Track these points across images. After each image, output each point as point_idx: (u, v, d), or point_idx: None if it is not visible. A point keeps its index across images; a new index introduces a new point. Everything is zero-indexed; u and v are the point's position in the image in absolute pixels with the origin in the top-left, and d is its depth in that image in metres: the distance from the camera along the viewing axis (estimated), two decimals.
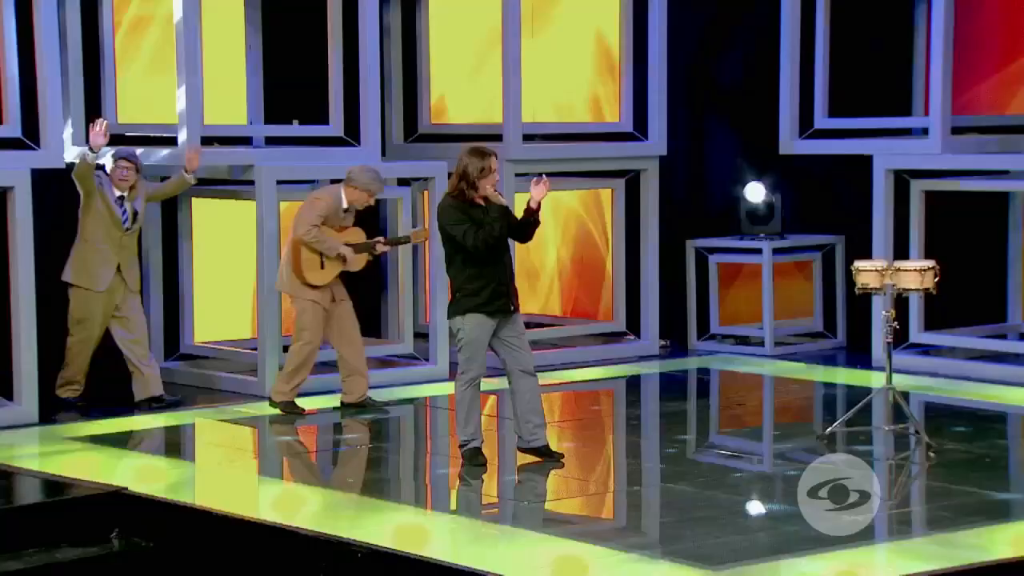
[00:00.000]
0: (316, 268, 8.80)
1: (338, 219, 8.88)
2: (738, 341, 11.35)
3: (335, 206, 8.84)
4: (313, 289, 8.81)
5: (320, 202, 8.82)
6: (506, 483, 7.49)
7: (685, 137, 11.86)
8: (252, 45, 10.58)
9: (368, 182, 8.84)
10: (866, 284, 8.02)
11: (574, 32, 11.16)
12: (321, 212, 8.79)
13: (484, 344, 7.49)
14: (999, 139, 10.38)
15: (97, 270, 9.01)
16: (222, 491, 7.48)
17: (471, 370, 7.49)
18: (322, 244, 8.74)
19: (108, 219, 9.00)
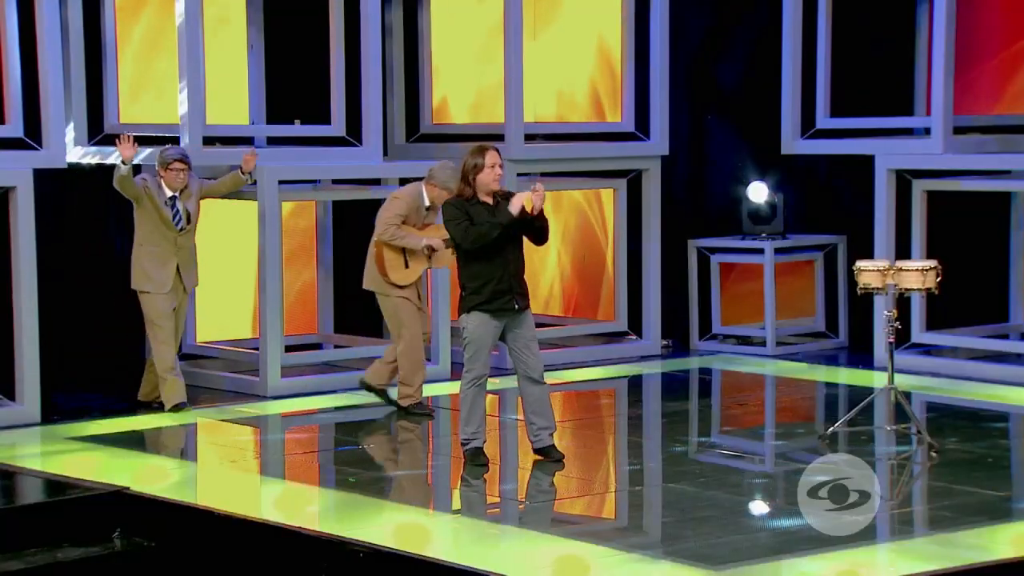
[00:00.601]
0: (400, 267, 8.71)
1: (419, 217, 8.75)
2: (740, 341, 11.35)
3: (415, 204, 8.73)
4: (401, 287, 8.73)
5: (399, 201, 8.72)
6: (508, 483, 7.49)
7: (687, 137, 11.87)
8: (254, 45, 10.59)
9: (447, 179, 8.68)
10: (868, 284, 8.02)
11: (576, 32, 11.16)
12: (399, 211, 8.69)
13: (487, 343, 7.48)
14: (1000, 139, 10.38)
15: (158, 273, 9.00)
16: (224, 491, 7.49)
17: (474, 369, 7.50)
18: (403, 241, 8.65)
19: (160, 221, 8.97)
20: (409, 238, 8.67)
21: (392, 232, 8.65)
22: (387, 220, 8.69)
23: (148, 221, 9.00)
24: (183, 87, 9.42)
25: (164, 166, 8.98)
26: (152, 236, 9.00)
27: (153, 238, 9.00)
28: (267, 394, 9.57)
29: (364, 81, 9.93)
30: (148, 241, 9.01)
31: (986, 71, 10.87)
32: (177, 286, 9.08)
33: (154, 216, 8.98)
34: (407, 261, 8.73)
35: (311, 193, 10.43)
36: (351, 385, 9.81)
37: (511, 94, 10.43)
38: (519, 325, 7.54)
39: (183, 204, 9.05)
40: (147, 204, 8.96)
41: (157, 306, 9.03)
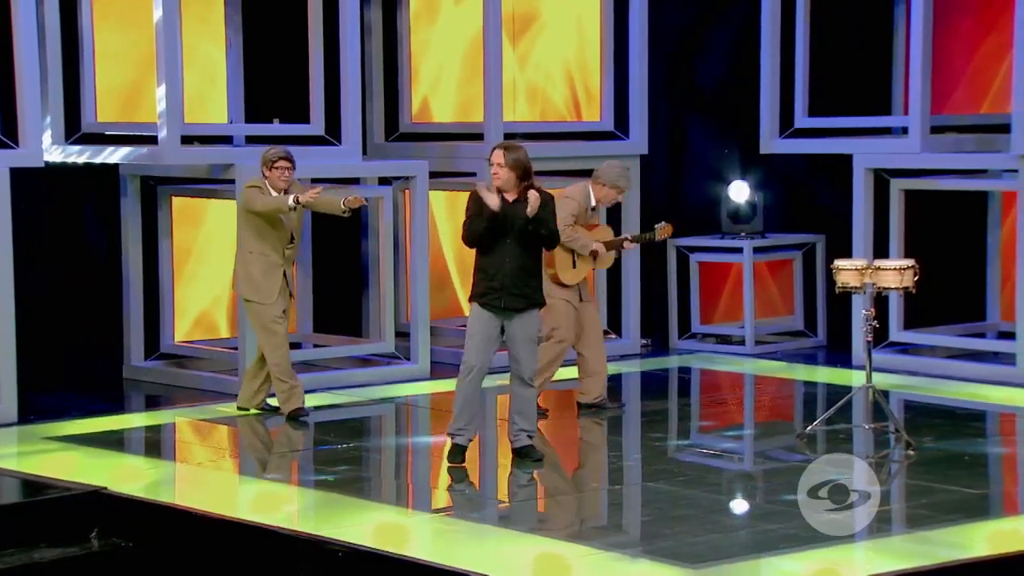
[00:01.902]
0: (569, 267, 8.63)
1: (587, 217, 8.69)
2: (719, 340, 11.37)
3: (585, 205, 8.67)
4: (564, 288, 8.64)
5: (571, 201, 8.64)
6: (488, 482, 7.48)
7: (665, 136, 11.88)
8: (232, 44, 10.56)
9: (615, 179, 8.64)
10: (846, 283, 8.04)
11: (554, 31, 11.17)
12: (572, 211, 8.60)
13: (483, 337, 7.45)
14: (977, 138, 10.43)
15: (267, 282, 8.62)
16: (202, 491, 7.46)
17: (469, 360, 7.49)
18: (576, 242, 8.57)
19: (271, 229, 8.58)
20: (581, 240, 8.58)
21: (569, 233, 8.53)
22: (562, 220, 8.50)
23: (257, 228, 8.58)
24: (161, 86, 9.38)
25: (268, 165, 8.56)
26: (261, 244, 8.57)
27: (262, 246, 8.58)
28: None
29: (343, 80, 9.92)
30: (258, 249, 8.58)
31: (963, 71, 10.91)
32: (284, 291, 8.69)
33: (265, 225, 8.55)
34: (575, 261, 8.65)
35: None
36: (329, 384, 9.80)
37: (490, 93, 10.43)
38: (516, 325, 7.52)
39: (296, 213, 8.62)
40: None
41: (268, 313, 8.63)
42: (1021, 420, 9.00)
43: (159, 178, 10.26)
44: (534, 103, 11.21)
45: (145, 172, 10.16)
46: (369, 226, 10.80)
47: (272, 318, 8.67)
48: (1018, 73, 9.59)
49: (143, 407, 9.62)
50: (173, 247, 10.33)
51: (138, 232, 10.24)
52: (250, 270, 8.66)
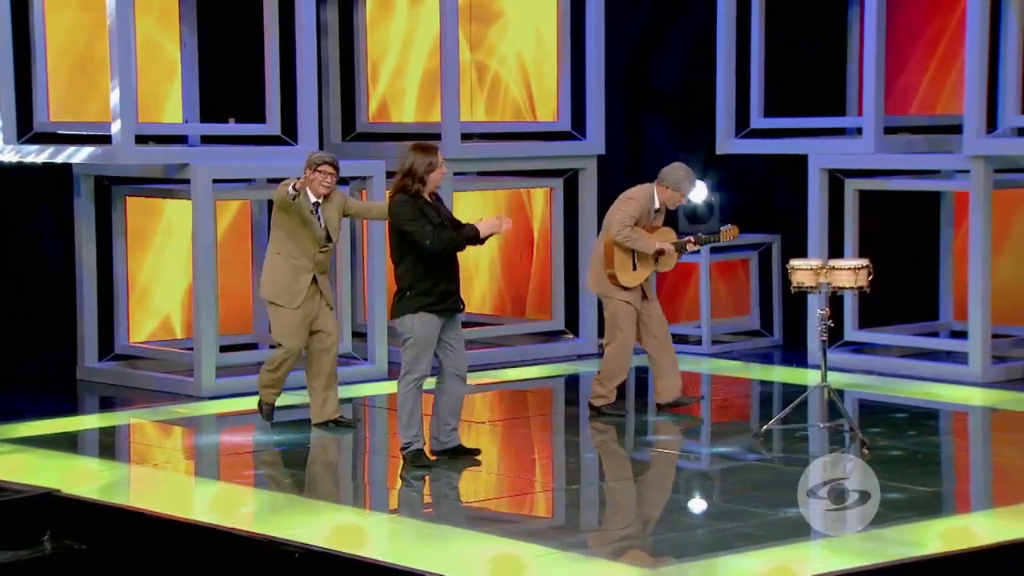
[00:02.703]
0: (628, 269, 8.57)
1: (649, 219, 8.63)
2: (676, 339, 11.38)
3: (647, 206, 8.60)
4: (624, 290, 8.58)
5: (633, 202, 8.59)
6: (445, 482, 7.48)
7: (623, 136, 11.91)
8: (187, 43, 10.49)
9: (678, 181, 8.56)
10: (801, 283, 8.09)
11: (512, 31, 11.17)
12: (633, 212, 8.56)
13: (432, 344, 7.46)
14: (930, 139, 10.53)
15: (292, 285, 8.24)
16: (157, 492, 7.41)
17: (416, 370, 7.46)
18: (636, 243, 8.51)
19: (302, 233, 8.23)
20: (642, 240, 8.52)
21: (626, 233, 8.49)
22: (621, 221, 8.53)
23: (288, 229, 8.23)
24: (115, 85, 9.31)
25: (312, 167, 8.19)
26: (290, 246, 8.23)
27: (292, 248, 8.23)
28: (201, 394, 9.49)
29: (299, 79, 9.88)
30: (286, 251, 8.24)
31: (917, 72, 11.01)
32: (315, 298, 8.32)
33: (297, 225, 8.21)
34: (635, 263, 8.59)
35: (245, 192, 10.35)
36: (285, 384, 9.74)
37: (447, 93, 10.42)
38: (453, 326, 7.54)
39: (325, 215, 8.27)
40: (292, 211, 8.18)
41: (285, 320, 8.26)
42: (973, 419, 9.09)
43: (113, 178, 10.18)
44: (491, 103, 11.21)
45: (99, 172, 10.08)
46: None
47: (286, 328, 8.25)
48: (969, 75, 9.68)
49: (97, 408, 9.55)
50: (128, 247, 10.25)
51: (92, 232, 10.16)
52: (275, 272, 8.29)
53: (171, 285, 10.54)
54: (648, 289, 8.75)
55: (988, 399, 9.32)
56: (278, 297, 8.31)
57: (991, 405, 9.17)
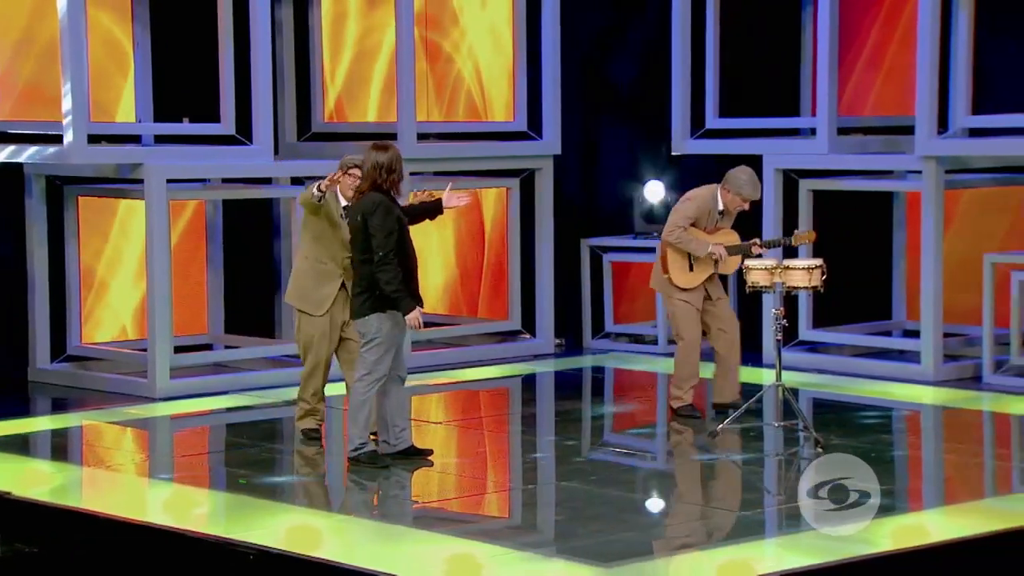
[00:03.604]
0: (684, 270, 8.45)
1: (711, 220, 8.49)
2: (632, 339, 11.45)
3: (707, 207, 8.46)
4: (683, 290, 8.46)
5: (690, 203, 8.49)
6: (400, 483, 7.46)
7: (579, 136, 11.94)
8: (140, 42, 10.41)
9: (739, 185, 8.39)
10: (756, 282, 8.14)
11: (467, 31, 11.17)
12: (689, 214, 8.45)
13: (397, 344, 7.43)
14: (883, 139, 10.62)
15: (317, 292, 7.91)
16: (110, 495, 7.35)
17: (378, 370, 7.42)
18: (688, 245, 8.40)
19: (331, 236, 7.89)
20: (695, 243, 8.40)
21: (678, 234, 8.41)
22: (674, 222, 8.43)
23: (316, 233, 7.91)
24: (67, 84, 9.23)
25: (343, 169, 7.86)
26: (318, 250, 7.90)
27: (320, 253, 7.90)
28: (155, 396, 9.43)
29: (254, 79, 9.83)
30: (314, 255, 7.91)
31: (869, 72, 11.10)
32: (340, 305, 7.93)
33: (325, 229, 7.88)
34: (691, 264, 8.48)
35: (200, 192, 10.29)
36: (242, 386, 9.71)
37: (403, 93, 10.40)
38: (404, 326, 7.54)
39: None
40: (321, 214, 7.85)
41: (309, 327, 7.94)
42: (925, 417, 9.18)
43: (66, 178, 10.09)
44: (446, 103, 11.20)
45: (51, 172, 9.99)
46: (281, 226, 10.72)
47: (309, 335, 7.92)
48: (920, 76, 9.77)
49: (49, 410, 9.46)
50: (80, 248, 10.17)
51: (44, 233, 10.07)
52: (301, 277, 7.94)
53: (125, 286, 10.46)
54: (713, 289, 8.56)
55: (940, 398, 9.41)
56: (304, 304, 7.96)
57: (943, 403, 9.26)
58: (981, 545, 6.27)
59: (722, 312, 8.63)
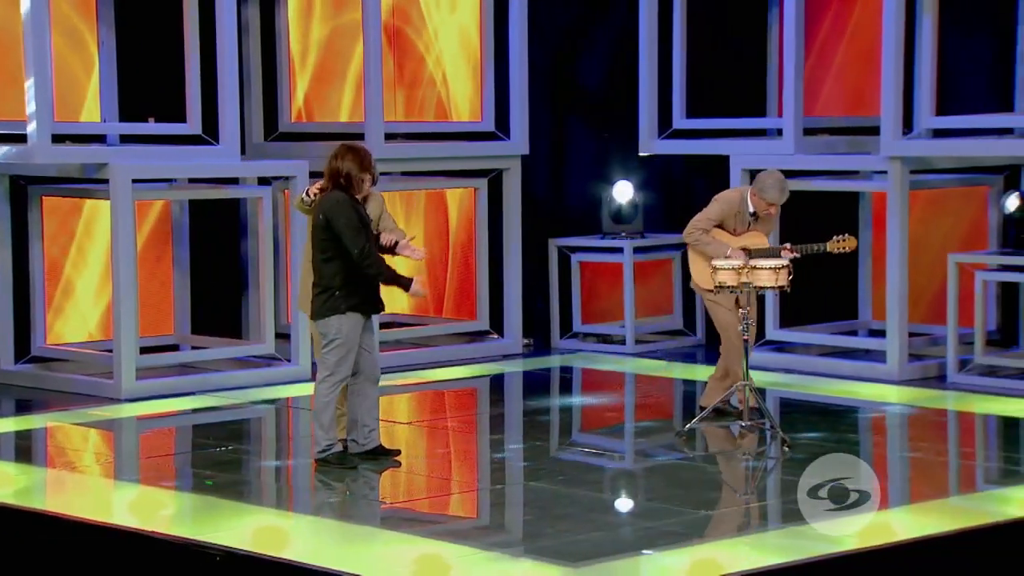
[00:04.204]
0: (707, 271, 8.27)
1: (739, 223, 8.34)
2: (600, 339, 11.47)
3: (733, 209, 8.32)
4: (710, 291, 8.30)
5: (715, 205, 8.37)
6: (367, 483, 7.45)
7: (547, 136, 11.95)
8: (104, 41, 10.35)
9: (763, 189, 8.23)
10: (723, 282, 8.16)
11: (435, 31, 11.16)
12: (711, 215, 8.34)
13: (357, 345, 7.41)
14: (849, 140, 10.67)
15: None
16: (75, 496, 7.30)
17: (340, 372, 7.41)
18: (705, 247, 8.28)
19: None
20: (712, 245, 8.28)
21: (696, 236, 8.31)
22: (694, 223, 8.33)
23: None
24: (30, 84, 9.16)
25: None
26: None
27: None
28: (121, 397, 9.38)
29: (220, 78, 9.78)
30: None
31: (835, 73, 11.16)
32: None
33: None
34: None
35: (166, 192, 10.25)
36: (209, 386, 9.67)
37: (370, 93, 10.38)
38: (369, 326, 7.52)
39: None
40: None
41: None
42: (891, 416, 9.23)
43: (30, 177, 10.02)
44: (414, 103, 11.19)
45: (15, 171, 9.92)
46: (248, 226, 10.68)
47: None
48: (886, 77, 9.83)
49: (13, 411, 9.38)
50: (45, 248, 10.09)
51: (7, 233, 9.99)
52: (308, 285, 7.63)
53: (90, 286, 10.39)
54: (743, 295, 8.26)
55: (905, 397, 9.47)
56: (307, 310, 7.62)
57: (908, 403, 9.32)
58: (946, 543, 6.31)
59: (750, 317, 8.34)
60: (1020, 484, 7.29)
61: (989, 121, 9.97)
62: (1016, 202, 9.79)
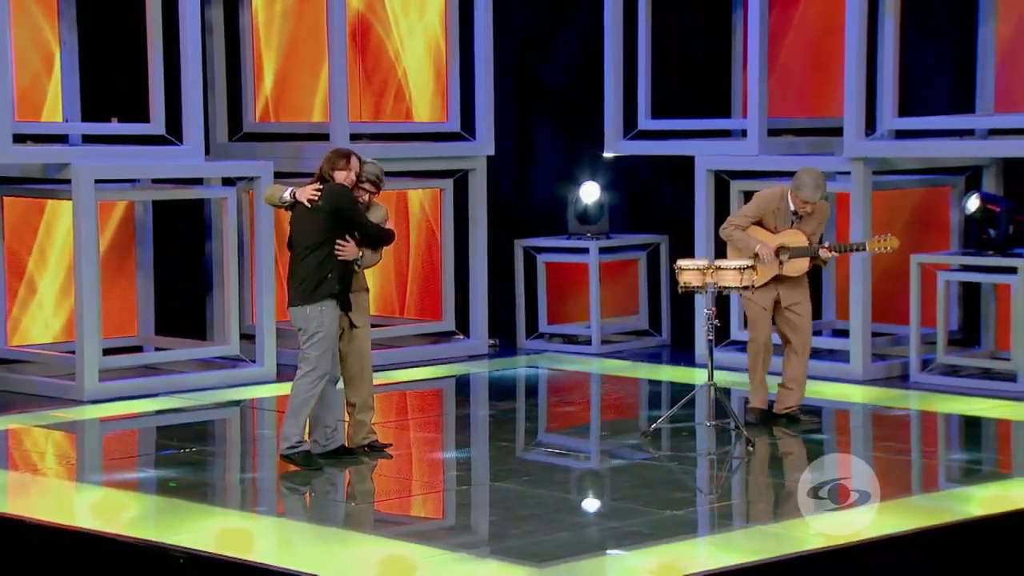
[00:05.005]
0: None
1: (780, 220, 8.22)
2: (566, 340, 11.49)
3: (772, 207, 8.21)
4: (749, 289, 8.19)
5: (753, 202, 8.27)
6: (335, 484, 7.43)
7: (512, 137, 11.96)
8: (66, 41, 10.28)
9: (799, 185, 8.12)
10: (688, 283, 8.18)
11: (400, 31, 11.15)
12: (748, 212, 8.26)
13: (337, 339, 7.37)
14: (812, 141, 10.73)
15: None
16: (37, 499, 7.24)
17: (322, 366, 7.35)
18: (737, 242, 8.21)
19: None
20: (743, 240, 8.19)
21: (729, 231, 8.24)
22: (731, 219, 8.24)
23: None
24: None
25: (357, 179, 7.50)
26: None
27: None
28: (84, 398, 9.31)
29: (184, 78, 9.73)
30: None
31: (799, 75, 11.21)
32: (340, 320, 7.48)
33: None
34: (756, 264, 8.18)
35: (129, 193, 10.18)
36: (173, 388, 9.62)
37: (335, 93, 10.35)
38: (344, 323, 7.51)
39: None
40: None
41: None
42: (854, 416, 9.29)
43: None
44: (379, 103, 11.17)
45: None
46: (213, 227, 10.63)
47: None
48: (848, 78, 9.89)
49: None
50: (6, 249, 10.01)
51: None
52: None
53: (53, 287, 10.32)
54: (786, 294, 8.27)
55: (868, 396, 9.53)
56: None
57: (871, 402, 9.37)
58: (909, 542, 6.35)
59: (792, 316, 8.36)
60: (982, 483, 7.35)
61: (951, 123, 10.05)
62: (977, 203, 9.87)
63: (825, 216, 8.42)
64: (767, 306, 8.36)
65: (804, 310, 8.40)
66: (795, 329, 8.42)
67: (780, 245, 8.26)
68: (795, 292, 8.38)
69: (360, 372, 7.64)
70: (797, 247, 8.27)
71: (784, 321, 8.44)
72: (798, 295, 8.40)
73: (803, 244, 8.28)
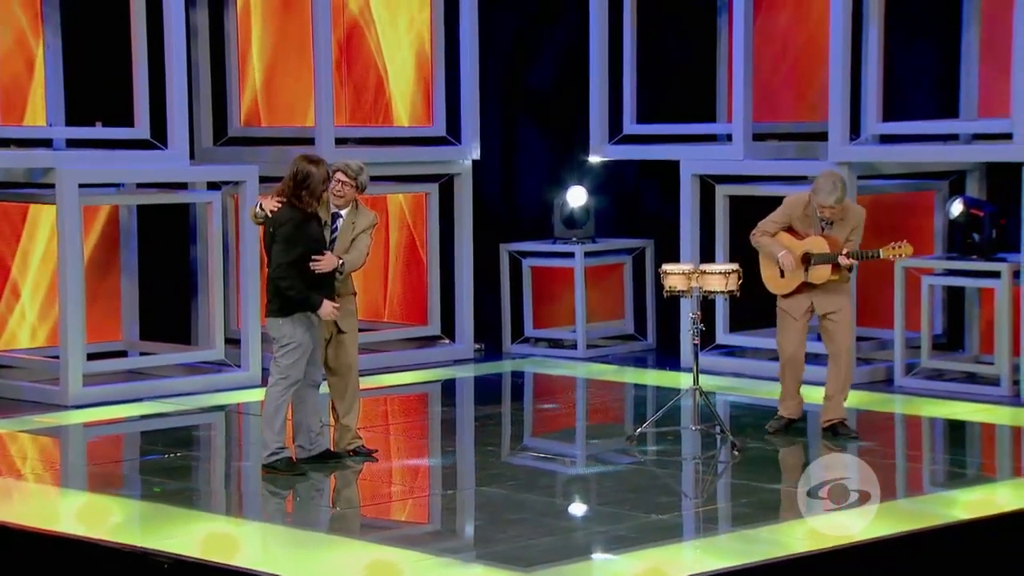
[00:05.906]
0: (775, 277, 8.13)
1: (807, 225, 8.11)
2: (551, 344, 11.49)
3: (797, 213, 8.11)
4: (784, 298, 8.14)
5: (780, 208, 8.16)
6: (320, 489, 7.42)
7: (498, 141, 11.96)
8: (50, 44, 10.25)
9: (814, 191, 8.01)
10: (673, 287, 8.19)
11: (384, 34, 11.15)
12: (775, 218, 8.17)
13: (311, 346, 7.38)
14: (797, 145, 10.76)
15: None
16: (21, 504, 7.22)
17: (293, 375, 7.37)
18: (762, 248, 8.14)
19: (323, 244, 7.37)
20: (768, 246, 8.11)
21: (757, 238, 8.17)
22: (760, 225, 8.18)
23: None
24: None
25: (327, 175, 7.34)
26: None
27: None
28: (68, 403, 9.28)
29: (169, 82, 9.72)
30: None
31: (784, 79, 11.24)
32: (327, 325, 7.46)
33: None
34: (781, 271, 8.13)
35: (113, 197, 10.16)
36: (157, 393, 9.60)
37: (321, 97, 10.34)
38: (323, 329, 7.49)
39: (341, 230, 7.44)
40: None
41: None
42: None
43: None
44: (364, 108, 11.16)
45: None
46: (198, 231, 10.61)
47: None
48: (833, 83, 9.92)
49: None
50: None
51: None
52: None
53: (37, 292, 10.28)
54: (821, 302, 8.13)
55: (853, 400, 9.53)
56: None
57: (856, 406, 9.39)
58: (894, 545, 6.37)
59: (829, 327, 8.19)
60: (966, 486, 7.37)
61: (935, 127, 10.09)
62: (960, 207, 9.91)
63: (859, 222, 8.22)
64: (797, 316, 8.21)
65: (840, 318, 8.20)
66: (830, 338, 8.27)
67: (805, 252, 8.16)
68: (831, 300, 8.20)
69: (346, 377, 7.64)
70: (820, 254, 8.13)
71: (822, 330, 8.34)
72: (835, 303, 8.20)
73: (825, 251, 8.13)
